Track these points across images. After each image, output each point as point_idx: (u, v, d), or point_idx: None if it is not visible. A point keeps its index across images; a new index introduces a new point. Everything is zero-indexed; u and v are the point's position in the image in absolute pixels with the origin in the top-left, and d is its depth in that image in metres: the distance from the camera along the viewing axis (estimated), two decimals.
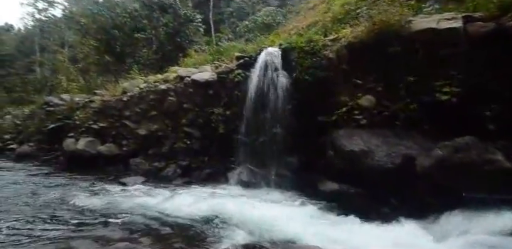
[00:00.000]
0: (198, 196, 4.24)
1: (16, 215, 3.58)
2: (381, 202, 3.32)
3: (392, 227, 2.85)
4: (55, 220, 3.42)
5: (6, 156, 8.73)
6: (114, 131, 6.97)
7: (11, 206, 3.97)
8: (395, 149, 3.42)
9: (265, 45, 5.30)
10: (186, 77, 6.10)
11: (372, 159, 3.42)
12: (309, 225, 2.97)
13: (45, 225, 3.29)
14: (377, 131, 3.70)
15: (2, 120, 12.24)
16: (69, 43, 21.57)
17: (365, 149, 3.52)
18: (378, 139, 3.57)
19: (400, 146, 3.45)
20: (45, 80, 16.94)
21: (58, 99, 9.21)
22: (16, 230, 3.14)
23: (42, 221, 3.40)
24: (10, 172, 6.47)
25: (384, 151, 3.44)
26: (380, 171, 3.35)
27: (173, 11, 12.28)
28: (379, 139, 3.58)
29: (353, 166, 3.58)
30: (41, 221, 3.40)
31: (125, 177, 5.60)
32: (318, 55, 4.34)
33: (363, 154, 3.50)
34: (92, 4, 15.36)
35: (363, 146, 3.55)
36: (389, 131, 3.65)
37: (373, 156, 3.43)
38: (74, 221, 3.38)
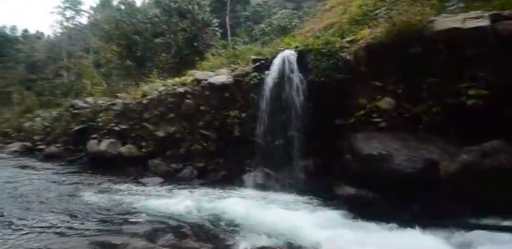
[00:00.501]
0: (214, 198, 4.29)
1: (43, 212, 3.80)
2: (401, 208, 3.19)
3: (413, 234, 2.73)
4: (77, 218, 3.59)
5: (36, 156, 9.26)
6: (134, 133, 7.21)
7: (39, 203, 4.21)
8: (416, 153, 3.29)
9: (281, 48, 5.31)
10: (203, 81, 6.23)
11: (392, 163, 3.31)
12: (326, 229, 2.91)
13: (67, 222, 3.45)
14: (396, 135, 3.58)
15: (32, 122, 13.03)
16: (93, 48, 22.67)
17: (384, 152, 3.41)
18: (398, 143, 3.46)
19: (421, 150, 3.31)
20: (71, 84, 17.89)
21: (83, 102, 9.70)
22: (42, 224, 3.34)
23: (65, 218, 3.57)
24: (39, 171, 6.86)
25: (404, 155, 3.32)
26: (400, 176, 3.23)
27: (191, 16, 12.60)
28: (399, 142, 3.47)
29: (372, 171, 3.49)
30: (64, 218, 3.57)
31: (144, 178, 5.78)
32: (335, 57, 4.28)
33: (381, 158, 3.40)
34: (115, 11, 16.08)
35: (381, 150, 3.45)
36: (409, 135, 3.53)
37: (393, 160, 3.32)
38: (94, 220, 3.53)
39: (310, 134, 4.33)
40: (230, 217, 3.41)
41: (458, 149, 3.08)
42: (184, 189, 4.90)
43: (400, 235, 2.78)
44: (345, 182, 3.81)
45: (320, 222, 3.11)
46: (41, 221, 3.45)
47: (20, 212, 3.79)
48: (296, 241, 2.72)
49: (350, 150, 3.81)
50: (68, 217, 3.63)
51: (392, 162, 3.31)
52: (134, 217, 3.56)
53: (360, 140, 3.73)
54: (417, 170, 3.17)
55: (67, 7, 28.42)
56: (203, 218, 3.47)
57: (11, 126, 14.63)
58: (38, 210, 3.90)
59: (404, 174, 3.21)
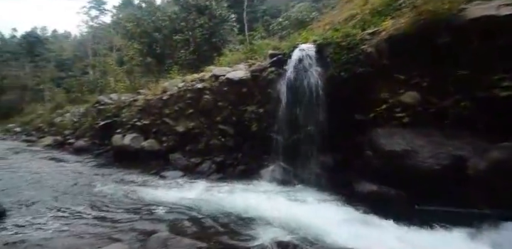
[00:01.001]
0: (233, 192, 4.37)
1: (72, 201, 4.06)
2: (425, 206, 3.08)
3: (437, 234, 2.64)
4: (103, 208, 3.81)
5: (66, 149, 9.86)
6: (155, 128, 7.46)
7: (69, 193, 4.50)
8: (442, 150, 3.14)
9: (299, 42, 5.22)
10: (221, 76, 6.28)
11: (416, 159, 3.19)
12: (345, 226, 2.88)
13: (94, 211, 3.68)
14: (421, 130, 3.43)
15: (62, 118, 13.84)
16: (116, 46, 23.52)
17: (408, 148, 3.29)
18: (423, 139, 3.32)
19: (447, 146, 3.16)
20: (96, 81, 18.71)
21: (108, 98, 10.14)
22: (70, 213, 3.58)
23: (92, 208, 3.81)
24: (68, 164, 7.32)
25: (429, 151, 3.18)
26: (424, 173, 3.11)
27: (209, 12, 12.67)
28: (423, 138, 3.32)
29: (394, 167, 3.38)
30: (91, 208, 3.81)
31: (165, 171, 5.98)
32: (355, 50, 4.14)
33: (405, 155, 3.28)
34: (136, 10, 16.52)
35: (405, 146, 3.32)
36: (435, 130, 3.37)
37: (417, 156, 3.20)
38: (119, 210, 3.72)
39: (329, 130, 4.26)
40: (248, 211, 3.46)
41: (488, 145, 2.90)
42: (203, 183, 5.03)
43: (424, 234, 2.69)
44: (366, 178, 3.72)
45: (340, 218, 3.08)
46: (69, 210, 3.71)
47: (51, 201, 4.08)
48: (314, 237, 2.71)
49: (371, 146, 3.71)
50: (95, 207, 3.86)
51: (417, 159, 3.19)
52: (157, 208, 3.72)
53: (382, 136, 3.62)
54: (443, 167, 3.03)
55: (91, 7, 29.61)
56: (222, 211, 3.55)
57: (44, 122, 15.64)
58: (68, 199, 4.18)
59: (429, 171, 3.08)
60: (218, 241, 2.72)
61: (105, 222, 3.31)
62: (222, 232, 2.97)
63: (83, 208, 3.77)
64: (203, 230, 3.03)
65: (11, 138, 14.68)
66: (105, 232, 2.98)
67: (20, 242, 2.69)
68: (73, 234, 2.94)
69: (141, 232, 2.97)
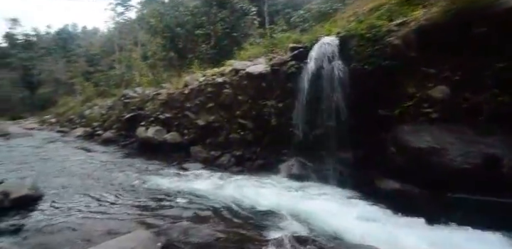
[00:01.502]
0: (251, 185, 4.43)
1: (99, 189, 4.32)
2: (452, 206, 2.93)
3: (466, 235, 2.51)
4: (129, 196, 4.02)
5: (95, 140, 10.45)
6: (177, 121, 7.68)
7: (97, 181, 4.79)
8: (474, 148, 2.95)
9: (321, 35, 5.07)
10: (241, 70, 6.29)
11: (444, 157, 3.02)
12: (365, 223, 2.83)
13: (121, 198, 3.89)
14: (450, 127, 3.24)
15: (91, 110, 14.62)
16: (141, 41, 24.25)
17: (436, 146, 3.12)
18: (452, 136, 3.13)
19: (480, 144, 2.96)
20: (122, 75, 19.46)
21: (133, 92, 10.55)
22: (100, 199, 3.81)
23: (117, 195, 4.03)
24: (97, 153, 7.77)
25: (459, 149, 3.00)
26: (453, 172, 2.94)
27: (230, 6, 12.62)
28: (453, 135, 3.13)
29: (419, 165, 3.23)
30: (117, 195, 4.03)
31: (186, 163, 6.18)
32: (381, 42, 3.95)
33: (432, 152, 3.12)
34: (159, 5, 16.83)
35: (432, 143, 3.16)
36: (466, 127, 3.16)
37: (445, 154, 3.03)
38: (144, 198, 3.91)
39: (350, 125, 4.14)
40: (267, 204, 3.50)
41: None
42: (223, 176, 5.13)
43: (451, 234, 2.58)
44: (388, 176, 3.60)
45: (360, 215, 3.02)
46: (97, 196, 3.96)
47: (80, 187, 4.37)
48: (333, 233, 2.69)
49: (395, 142, 3.56)
50: (120, 194, 4.09)
51: (445, 157, 3.02)
52: (178, 198, 3.87)
53: (407, 132, 3.46)
54: (474, 166, 2.86)
55: (118, 3, 30.56)
56: (240, 203, 3.62)
57: (75, 114, 16.63)
58: (96, 186, 4.46)
59: (458, 170, 2.91)
60: (236, 232, 2.78)
61: (130, 209, 3.50)
62: (240, 224, 3.03)
63: (109, 195, 4.01)
64: (221, 221, 3.11)
65: (46, 129, 15.79)
66: (129, 219, 3.15)
67: (56, 225, 2.93)
68: (101, 218, 3.14)
69: (163, 220, 3.11)
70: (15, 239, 2.56)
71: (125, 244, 2.14)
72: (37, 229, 2.80)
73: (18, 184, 3.72)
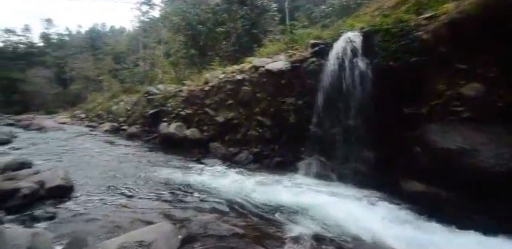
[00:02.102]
0: (268, 183, 4.44)
1: (125, 181, 4.53)
2: (482, 211, 2.76)
3: (496, 241, 2.36)
4: (152, 189, 4.18)
5: (120, 135, 10.97)
6: (197, 118, 7.85)
7: (121, 174, 5.02)
8: (508, 149, 2.75)
9: (343, 30, 4.92)
10: (260, 67, 6.28)
11: (475, 159, 2.84)
12: (389, 226, 2.74)
13: (144, 191, 4.06)
14: (483, 127, 3.03)
15: (117, 106, 15.32)
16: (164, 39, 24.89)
17: (466, 147, 2.94)
18: (484, 136, 2.93)
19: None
20: (146, 73, 20.18)
21: (155, 89, 10.89)
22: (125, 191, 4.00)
23: (142, 188, 4.20)
24: (122, 147, 8.15)
25: (491, 150, 2.81)
26: (485, 175, 2.77)
27: (251, 2, 12.59)
28: (486, 135, 2.93)
29: (447, 167, 3.06)
30: (142, 188, 4.21)
31: (205, 159, 6.31)
32: (408, 37, 3.76)
33: (462, 153, 2.94)
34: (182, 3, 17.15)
35: (462, 144, 2.98)
36: (500, 127, 2.94)
37: (476, 156, 2.85)
38: (166, 191, 4.06)
39: (373, 124, 4.01)
40: (285, 202, 3.50)
41: None
42: (241, 172, 5.19)
43: (479, 239, 2.44)
44: (413, 177, 3.45)
45: (381, 217, 2.94)
46: (122, 188, 4.16)
47: (107, 179, 4.61)
48: (353, 234, 2.64)
49: (422, 142, 3.40)
50: (143, 187, 4.27)
51: (476, 158, 2.84)
52: (198, 192, 3.98)
53: (435, 131, 3.29)
54: (508, 169, 2.66)
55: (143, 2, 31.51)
56: (258, 200, 3.64)
57: (103, 109, 17.52)
58: (121, 179, 4.68)
59: (490, 173, 2.73)
60: (255, 228, 2.82)
61: (152, 201, 3.65)
62: (259, 220, 3.06)
63: (133, 187, 4.20)
64: (239, 216, 3.16)
65: (76, 123, 16.78)
66: (152, 211, 3.29)
67: (86, 214, 3.12)
68: (126, 210, 3.30)
69: (184, 213, 3.21)
70: (50, 225, 2.77)
71: (148, 235, 2.24)
72: (69, 217, 3.01)
73: (52, 174, 3.99)
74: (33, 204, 3.22)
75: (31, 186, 3.38)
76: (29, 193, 3.28)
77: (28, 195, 3.24)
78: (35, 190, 3.39)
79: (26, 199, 3.21)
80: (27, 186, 3.34)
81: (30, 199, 3.24)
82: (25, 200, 3.19)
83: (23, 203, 3.14)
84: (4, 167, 4.26)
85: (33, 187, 3.38)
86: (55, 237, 2.36)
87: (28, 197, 3.24)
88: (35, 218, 2.88)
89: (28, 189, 3.30)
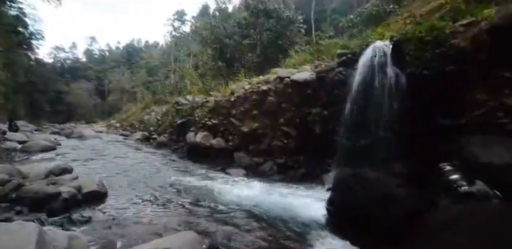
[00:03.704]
0: (292, 195, 4.35)
1: (154, 188, 4.70)
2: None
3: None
4: (178, 197, 4.28)
5: (150, 143, 11.51)
6: (223, 128, 8.00)
7: (152, 181, 5.22)
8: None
9: (372, 39, 4.82)
10: (286, 78, 6.30)
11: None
12: None
13: (171, 198, 4.16)
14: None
15: (149, 116, 16.19)
16: (193, 52, 26.19)
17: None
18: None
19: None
20: (176, 84, 21.23)
21: (184, 99, 11.36)
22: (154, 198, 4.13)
23: (169, 195, 4.32)
24: (152, 155, 8.51)
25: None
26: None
27: (277, 15, 12.88)
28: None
29: (491, 184, 2.78)
30: (169, 195, 4.32)
31: (230, 168, 6.37)
32: (443, 45, 3.58)
33: (508, 169, 2.67)
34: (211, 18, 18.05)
35: (508, 159, 2.70)
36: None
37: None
38: (191, 200, 4.13)
39: (404, 136, 3.79)
40: (310, 216, 3.38)
41: None
42: (265, 183, 5.14)
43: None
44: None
45: None
46: (151, 195, 4.31)
47: (138, 186, 4.81)
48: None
49: (460, 156, 3.14)
50: (171, 194, 4.40)
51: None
52: (222, 202, 3.99)
53: (476, 145, 3.03)
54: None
55: (175, 19, 33.72)
56: (281, 212, 3.57)
57: (136, 119, 18.61)
58: (150, 186, 4.86)
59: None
60: (277, 242, 2.75)
61: (179, 209, 3.73)
62: (282, 233, 2.98)
63: (161, 195, 4.33)
64: (263, 228, 3.10)
65: (112, 132, 17.95)
66: (179, 218, 3.36)
67: (118, 219, 3.27)
68: (155, 216, 3.41)
69: (208, 222, 3.23)
70: (84, 228, 2.94)
71: (174, 243, 2.28)
72: (102, 221, 3.17)
73: (88, 180, 4.27)
74: (70, 208, 3.44)
75: (70, 191, 3.64)
76: (68, 197, 3.52)
77: (67, 200, 3.49)
78: (74, 194, 3.64)
79: (65, 203, 3.45)
80: (67, 191, 3.59)
81: (68, 203, 3.48)
82: (64, 203, 3.43)
83: (62, 207, 3.38)
84: (49, 172, 4.64)
85: (72, 192, 3.64)
86: (89, 241, 2.49)
87: (67, 201, 3.48)
88: (72, 221, 3.08)
89: (67, 194, 3.55)
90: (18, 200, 3.35)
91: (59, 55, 47.07)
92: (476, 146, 3.03)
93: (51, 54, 46.27)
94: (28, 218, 2.87)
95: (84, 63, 48.26)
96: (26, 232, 1.94)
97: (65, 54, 47.55)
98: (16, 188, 3.55)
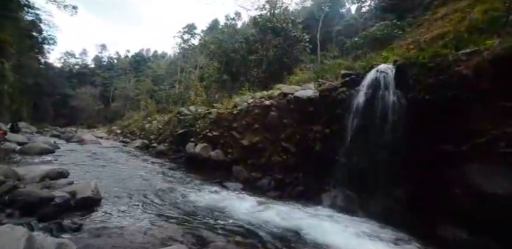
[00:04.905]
0: (289, 212, 4.24)
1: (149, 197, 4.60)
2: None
3: None
4: (173, 207, 4.18)
5: (149, 152, 11.44)
6: (223, 140, 7.99)
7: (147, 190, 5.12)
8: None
9: (376, 62, 4.94)
10: (289, 94, 6.40)
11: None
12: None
13: (164, 209, 4.07)
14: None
15: (150, 124, 16.22)
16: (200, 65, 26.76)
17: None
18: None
19: None
20: (180, 94, 21.48)
21: (187, 110, 11.46)
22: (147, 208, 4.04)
23: (163, 205, 4.22)
24: (150, 164, 8.43)
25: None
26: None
27: (284, 33, 13.31)
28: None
29: (494, 214, 2.73)
30: (163, 205, 4.22)
31: (227, 182, 6.27)
32: (446, 71, 3.66)
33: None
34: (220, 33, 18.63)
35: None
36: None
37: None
38: (186, 212, 4.03)
39: (406, 159, 3.77)
40: (309, 236, 3.29)
41: None
42: (262, 199, 5.04)
43: None
44: (451, 222, 3.11)
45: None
46: (145, 204, 4.22)
47: (132, 194, 4.71)
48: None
49: (462, 184, 3.11)
50: (165, 204, 4.31)
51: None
52: (217, 216, 3.89)
53: (479, 173, 3.00)
54: None
55: (185, 32, 34.78)
56: (277, 229, 3.49)
57: (137, 127, 18.62)
58: (145, 195, 4.75)
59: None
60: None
61: (171, 221, 3.62)
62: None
63: (155, 205, 4.24)
64: (257, 245, 3.00)
65: (112, 138, 17.92)
66: (170, 231, 3.25)
67: (110, 228, 3.18)
68: (147, 228, 3.31)
69: (200, 237, 3.14)
70: (75, 236, 2.85)
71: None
72: (94, 229, 3.08)
73: (83, 186, 4.20)
74: (62, 213, 3.36)
75: (64, 196, 3.57)
76: (61, 202, 3.45)
77: (59, 205, 3.41)
78: (67, 199, 3.57)
79: (58, 208, 3.37)
80: (60, 195, 3.53)
81: (61, 208, 3.40)
82: (56, 208, 3.36)
83: (54, 212, 3.30)
84: (45, 175, 4.59)
85: (65, 197, 3.57)
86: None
87: (60, 206, 3.41)
88: (63, 228, 2.99)
89: (60, 198, 3.48)
90: (11, 202, 3.29)
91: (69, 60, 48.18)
92: (479, 175, 3.02)
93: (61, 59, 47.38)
94: (19, 221, 2.81)
95: (92, 69, 49.23)
96: (15, 237, 1.88)
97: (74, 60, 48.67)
98: (10, 190, 3.49)
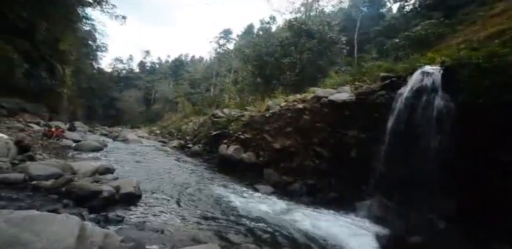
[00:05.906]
0: (321, 219, 4.13)
1: (184, 195, 4.82)
2: None
3: None
4: (206, 209, 4.32)
5: (185, 152, 11.98)
6: (255, 143, 8.06)
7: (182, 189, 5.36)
8: None
9: (421, 64, 4.61)
10: (323, 98, 6.24)
11: None
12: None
13: (198, 207, 4.22)
14: None
15: (187, 126, 17.02)
16: (234, 68, 27.45)
17: None
18: None
19: None
20: (215, 97, 22.25)
21: (221, 112, 11.80)
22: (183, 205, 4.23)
23: (197, 204, 4.38)
24: (185, 164, 8.82)
25: None
26: None
27: (319, 36, 13.07)
28: None
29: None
30: (197, 204, 4.39)
31: (258, 184, 6.30)
32: (505, 72, 3.28)
33: None
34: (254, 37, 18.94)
35: None
36: None
37: None
38: (218, 212, 4.14)
39: (454, 168, 3.44)
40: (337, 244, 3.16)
41: None
42: (293, 203, 4.98)
43: None
44: (509, 241, 2.74)
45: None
46: (181, 202, 4.43)
47: (169, 192, 4.98)
48: None
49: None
50: (198, 203, 4.47)
51: None
52: (247, 218, 3.94)
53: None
54: None
55: (221, 37, 36.03)
56: (308, 236, 3.42)
57: (175, 128, 19.67)
58: (180, 193, 4.99)
59: None
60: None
61: (205, 220, 3.76)
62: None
63: (190, 204, 4.43)
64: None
65: (152, 138, 19.14)
66: (204, 230, 3.38)
67: (149, 223, 3.40)
68: (182, 225, 3.47)
69: (233, 237, 3.20)
70: (117, 228, 3.10)
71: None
72: (134, 223, 3.32)
73: (126, 181, 4.55)
74: (108, 206, 3.68)
75: (110, 190, 3.91)
76: (108, 196, 3.78)
77: (107, 198, 3.75)
78: (113, 194, 3.90)
79: (105, 201, 3.70)
80: (107, 190, 3.87)
81: (107, 202, 3.73)
82: (104, 202, 3.69)
83: (101, 204, 3.63)
84: (95, 170, 5.07)
85: (111, 191, 3.90)
86: (121, 241, 2.61)
87: (107, 200, 3.74)
88: (108, 220, 3.27)
89: (107, 192, 3.82)
90: (67, 193, 3.69)
91: (117, 65, 52.81)
92: None
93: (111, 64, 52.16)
94: (72, 211, 3.13)
95: (137, 73, 53.34)
96: (70, 226, 2.11)
97: (122, 65, 53.19)
98: (67, 183, 3.92)
